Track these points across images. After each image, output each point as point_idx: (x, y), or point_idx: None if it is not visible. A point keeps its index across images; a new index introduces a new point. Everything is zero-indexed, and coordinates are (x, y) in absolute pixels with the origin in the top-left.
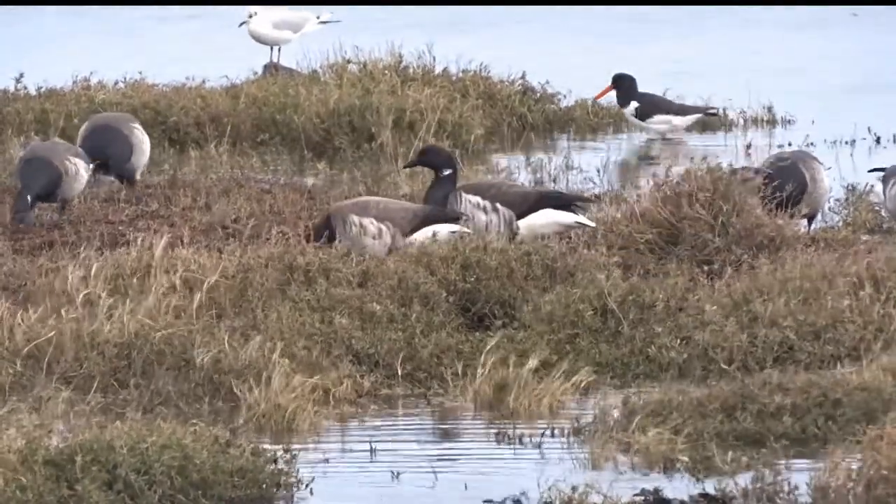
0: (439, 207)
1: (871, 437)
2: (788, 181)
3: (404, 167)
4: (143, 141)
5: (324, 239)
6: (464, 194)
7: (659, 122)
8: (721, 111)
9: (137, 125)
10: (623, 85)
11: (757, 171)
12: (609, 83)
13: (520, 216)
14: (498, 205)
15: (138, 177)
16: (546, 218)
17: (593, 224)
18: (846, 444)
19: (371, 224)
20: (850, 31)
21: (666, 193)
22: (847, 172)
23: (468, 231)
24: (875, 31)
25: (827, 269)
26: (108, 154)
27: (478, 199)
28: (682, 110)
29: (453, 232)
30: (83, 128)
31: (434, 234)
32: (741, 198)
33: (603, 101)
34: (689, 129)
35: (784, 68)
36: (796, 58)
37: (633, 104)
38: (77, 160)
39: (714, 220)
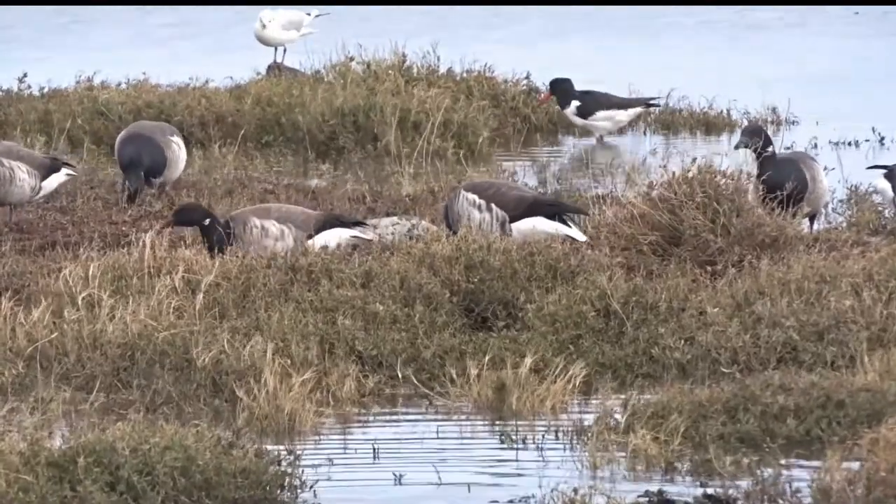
0: (339, 213)
1: (868, 440)
2: (787, 177)
3: None
4: (179, 157)
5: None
6: (462, 191)
7: (602, 118)
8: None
9: (176, 137)
10: (559, 88)
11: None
12: (547, 90)
13: (512, 219)
14: (493, 205)
15: (168, 187)
16: (536, 226)
17: (584, 238)
18: (847, 445)
19: (273, 226)
20: (852, 31)
21: (659, 198)
22: (851, 173)
23: (368, 238)
24: (877, 31)
25: (829, 270)
26: (139, 164)
27: (475, 196)
28: (623, 104)
29: (354, 237)
30: (120, 134)
31: (335, 239)
32: (739, 196)
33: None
34: (691, 131)
35: (787, 69)
36: (800, 59)
37: (574, 103)
38: (14, 163)
39: (712, 222)
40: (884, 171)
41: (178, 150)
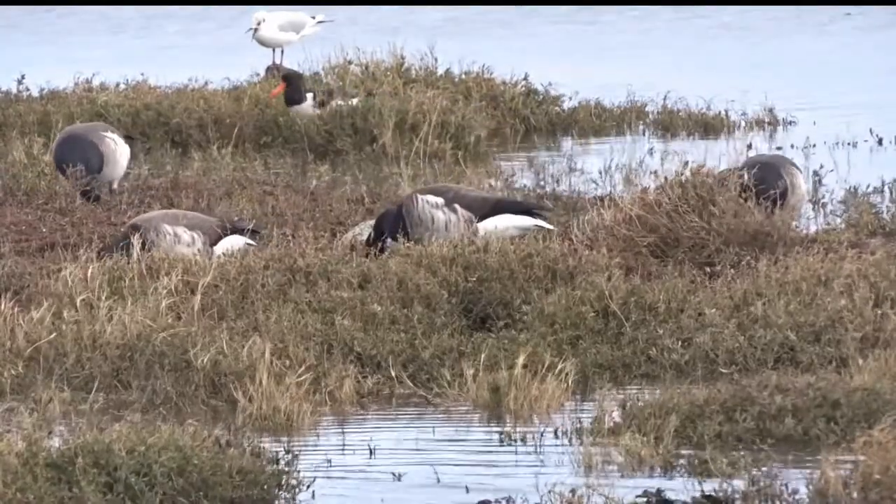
0: (236, 220)
1: (861, 443)
2: (772, 184)
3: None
4: (115, 150)
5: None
6: (419, 196)
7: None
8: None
9: (110, 134)
10: (293, 82)
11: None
12: (282, 83)
13: (480, 219)
14: (457, 205)
15: (115, 186)
16: (506, 222)
17: (553, 227)
18: (842, 447)
19: (185, 233)
20: (845, 32)
21: (655, 202)
22: (849, 174)
23: (254, 244)
24: (870, 32)
25: (826, 271)
26: (73, 164)
27: (437, 199)
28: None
29: (248, 244)
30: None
31: (230, 247)
32: (729, 197)
33: (607, 103)
34: (690, 132)
35: (784, 70)
36: (796, 60)
37: (310, 95)
38: None
39: (708, 223)
40: None
41: (113, 145)
